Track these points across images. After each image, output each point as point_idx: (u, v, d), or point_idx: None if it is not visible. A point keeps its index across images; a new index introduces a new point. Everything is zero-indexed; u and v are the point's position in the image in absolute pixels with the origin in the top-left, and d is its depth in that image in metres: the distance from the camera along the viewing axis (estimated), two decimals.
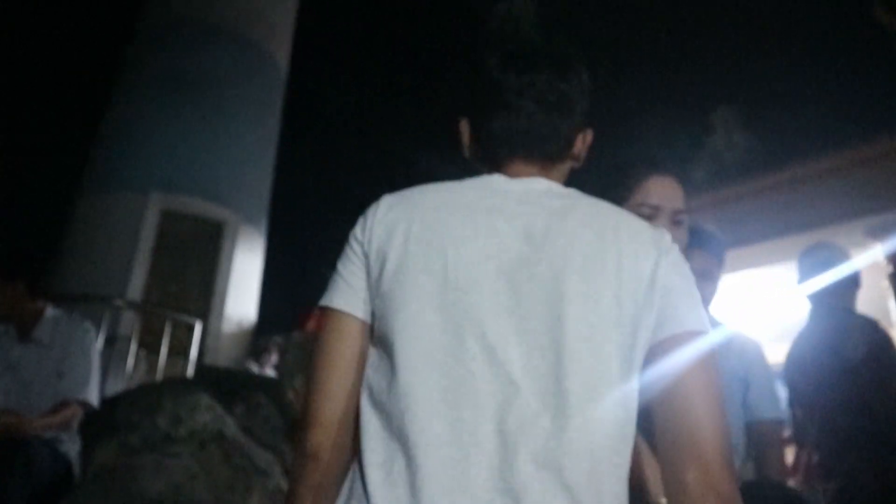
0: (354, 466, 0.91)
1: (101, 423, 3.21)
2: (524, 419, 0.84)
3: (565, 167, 1.09)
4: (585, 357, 0.86)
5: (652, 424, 0.92)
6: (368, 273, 0.96)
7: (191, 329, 6.20)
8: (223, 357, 7.10)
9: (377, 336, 0.95)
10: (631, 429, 0.90)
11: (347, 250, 1.00)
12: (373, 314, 0.96)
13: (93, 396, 2.65)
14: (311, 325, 6.37)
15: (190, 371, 5.99)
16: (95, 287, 6.48)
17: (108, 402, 3.41)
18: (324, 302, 0.99)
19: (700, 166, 8.38)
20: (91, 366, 2.66)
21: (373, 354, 0.95)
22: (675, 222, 1.43)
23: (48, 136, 10.75)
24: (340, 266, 1.00)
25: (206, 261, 7.31)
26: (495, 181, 1.02)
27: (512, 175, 1.03)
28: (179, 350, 6.15)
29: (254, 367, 6.38)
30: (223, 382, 4.19)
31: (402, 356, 0.89)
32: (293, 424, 4.47)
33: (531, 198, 0.98)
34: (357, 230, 1.00)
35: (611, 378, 0.87)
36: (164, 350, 5.76)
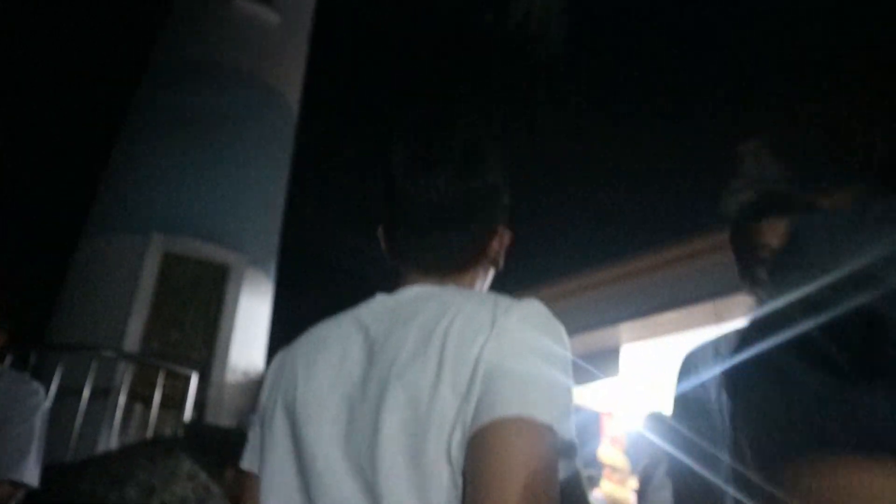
0: None
1: (58, 498, 2.75)
2: None
3: (477, 271, 1.02)
4: (401, 469, 0.80)
5: None
6: (259, 428, 0.98)
7: (189, 380, 5.74)
8: (227, 411, 6.62)
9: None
10: None
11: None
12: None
13: (29, 474, 2.16)
14: None
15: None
16: (91, 333, 6.08)
17: (69, 472, 2.96)
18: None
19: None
20: (31, 436, 2.18)
21: None
22: None
23: (55, 178, 10.57)
24: (249, 430, 1.03)
25: (210, 306, 6.90)
26: (374, 303, 0.99)
27: (409, 285, 0.99)
28: (177, 403, 5.68)
29: None
30: (215, 444, 3.71)
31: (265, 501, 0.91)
32: None
33: (389, 310, 0.95)
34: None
35: (438, 486, 0.78)
36: (155, 404, 5.29)
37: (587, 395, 9.13)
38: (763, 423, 0.54)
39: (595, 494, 10.18)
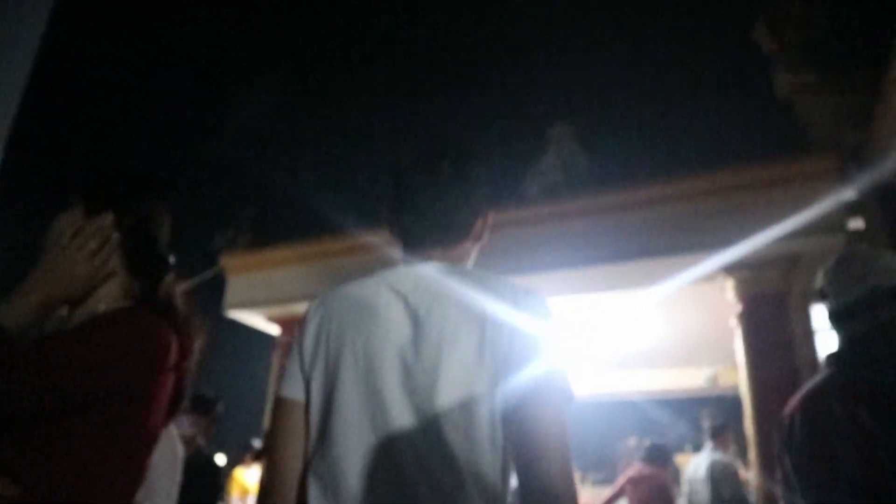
0: None
1: None
2: (423, 466, 1.06)
3: (467, 246, 1.32)
4: (456, 411, 1.08)
5: None
6: (302, 366, 1.21)
7: None
8: None
9: (313, 414, 1.18)
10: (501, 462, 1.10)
11: (292, 349, 1.25)
12: (308, 396, 1.20)
13: None
14: None
15: None
16: None
17: None
18: (277, 393, 1.23)
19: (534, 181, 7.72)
20: None
21: (312, 428, 1.18)
22: None
23: None
24: (287, 362, 1.24)
25: None
26: (396, 273, 1.25)
27: (416, 258, 1.28)
28: None
29: None
30: None
31: (334, 432, 1.13)
32: None
33: (420, 283, 1.21)
34: (298, 333, 1.25)
35: (480, 424, 1.08)
36: None
37: None
38: None
39: None
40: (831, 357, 1.66)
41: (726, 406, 11.79)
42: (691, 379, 9.51)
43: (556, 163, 8.62)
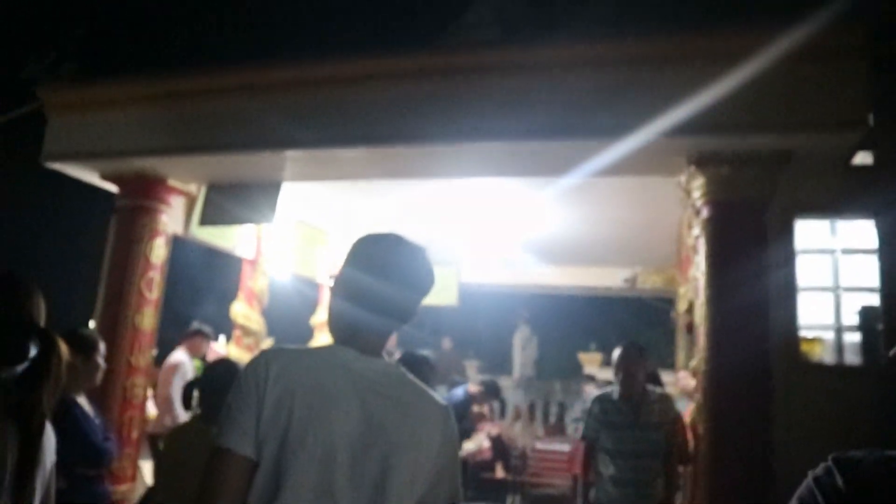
0: None
1: None
2: None
3: None
4: None
5: None
6: (258, 427, 1.30)
7: None
8: None
9: (260, 480, 1.28)
10: None
11: (244, 400, 1.31)
12: (259, 459, 1.29)
13: None
14: None
15: None
16: None
17: None
18: (219, 443, 1.29)
19: None
20: None
21: (256, 494, 1.28)
22: None
23: None
24: (236, 411, 1.31)
25: None
26: (349, 359, 1.41)
27: (362, 344, 1.43)
28: None
29: None
30: None
31: (290, 499, 1.27)
32: None
33: (375, 384, 1.39)
34: (249, 382, 1.33)
35: None
36: None
37: (231, 237, 6.94)
38: None
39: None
40: None
41: (643, 309, 11.25)
42: (608, 278, 8.62)
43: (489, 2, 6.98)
